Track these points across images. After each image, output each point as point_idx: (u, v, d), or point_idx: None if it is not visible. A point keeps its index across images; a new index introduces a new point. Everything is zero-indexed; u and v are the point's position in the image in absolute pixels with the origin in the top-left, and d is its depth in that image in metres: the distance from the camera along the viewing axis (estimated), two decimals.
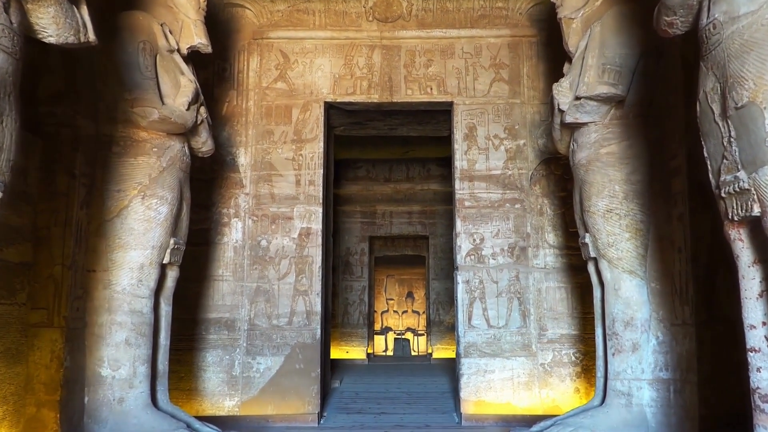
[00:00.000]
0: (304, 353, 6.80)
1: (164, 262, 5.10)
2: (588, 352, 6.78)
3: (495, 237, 6.97)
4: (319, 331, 6.84)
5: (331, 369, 10.10)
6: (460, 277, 6.92)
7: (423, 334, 17.31)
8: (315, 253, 6.96)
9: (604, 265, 5.01)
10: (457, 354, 6.95)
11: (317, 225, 7.01)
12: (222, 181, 7.11)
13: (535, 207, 7.04)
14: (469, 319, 6.84)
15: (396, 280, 19.53)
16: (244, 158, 7.13)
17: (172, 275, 5.34)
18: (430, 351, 14.13)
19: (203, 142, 5.57)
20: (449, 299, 13.41)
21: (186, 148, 5.35)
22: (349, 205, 13.53)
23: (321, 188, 7.08)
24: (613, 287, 4.96)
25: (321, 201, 7.05)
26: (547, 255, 6.97)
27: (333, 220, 13.55)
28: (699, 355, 4.45)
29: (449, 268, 13.35)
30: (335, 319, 13.18)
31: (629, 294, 4.89)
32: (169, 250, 5.10)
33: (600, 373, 5.26)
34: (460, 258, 6.95)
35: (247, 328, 6.86)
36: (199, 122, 5.37)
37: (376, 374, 10.36)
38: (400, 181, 13.55)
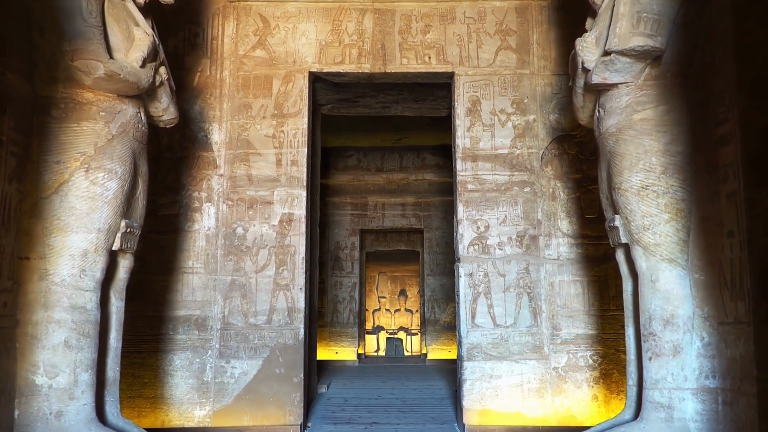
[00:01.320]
0: (286, 356, 5.98)
1: (114, 248, 4.26)
2: (607, 355, 6.00)
3: (502, 224, 6.17)
4: (302, 331, 6.02)
5: (318, 372, 9.28)
6: (463, 270, 6.11)
7: (416, 334, 16.52)
8: (298, 242, 6.14)
9: (638, 253, 4.21)
10: (459, 357, 6.15)
11: (300, 210, 6.19)
12: (193, 160, 6.27)
13: (547, 190, 6.25)
14: (473, 317, 6.04)
15: (388, 277, 18.75)
16: (218, 135, 6.30)
17: (124, 265, 4.51)
18: (424, 351, 13.33)
19: (164, 109, 4.74)
20: (445, 296, 12.63)
21: (142, 114, 4.51)
22: (338, 196, 12.71)
23: (305, 169, 6.25)
24: (650, 278, 4.16)
25: (305, 183, 6.23)
26: (560, 245, 6.18)
27: (322, 212, 12.70)
28: (759, 361, 3.65)
29: (445, 263, 12.59)
30: (324, 317, 12.37)
31: (669, 286, 4.09)
32: (119, 235, 4.27)
33: (632, 380, 4.47)
34: (462, 248, 6.14)
35: (220, 327, 6.03)
36: (157, 84, 4.54)
37: (367, 377, 9.55)
38: (392, 171, 12.76)
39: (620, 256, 4.58)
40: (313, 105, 7.06)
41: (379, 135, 11.74)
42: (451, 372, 9.91)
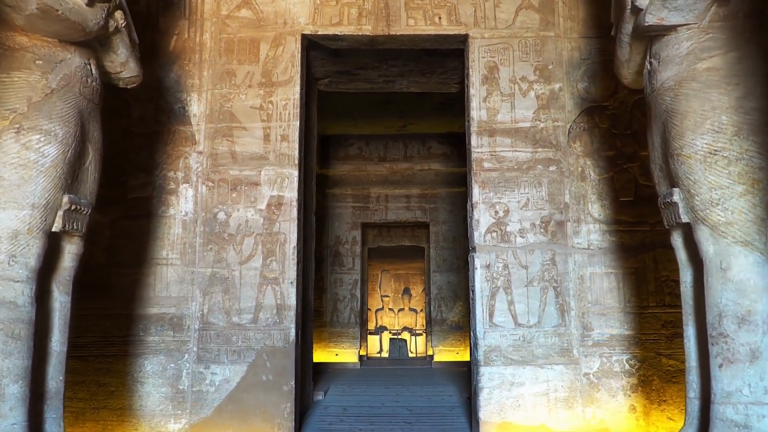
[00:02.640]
0: (274, 360, 5.16)
1: (55, 229, 3.45)
2: (646, 359, 5.18)
3: (523, 208, 5.35)
4: (293, 331, 5.20)
5: (315, 376, 8.46)
6: (478, 261, 5.29)
7: (421, 334, 15.73)
8: (288, 229, 5.32)
9: (703, 234, 3.38)
10: (474, 361, 5.33)
11: (291, 193, 5.37)
12: (168, 135, 5.46)
13: (575, 169, 5.42)
14: (491, 315, 5.21)
15: (392, 275, 17.98)
16: (197, 107, 5.49)
17: (70, 251, 3.69)
18: (430, 353, 12.50)
19: (122, 64, 3.93)
20: (453, 294, 11.79)
21: (93, 67, 3.71)
22: (339, 187, 11.88)
23: (297, 145, 5.43)
24: (719, 266, 3.33)
25: (297, 162, 5.41)
26: (591, 232, 5.35)
27: (321, 204, 11.96)
28: None
29: (452, 259, 11.78)
30: (323, 317, 11.55)
31: (744, 275, 3.26)
32: (61, 213, 3.46)
33: (694, 392, 3.64)
34: (478, 236, 5.32)
35: (198, 328, 5.21)
36: (111, 30, 3.72)
37: (369, 382, 8.73)
38: (396, 161, 11.92)
39: (677, 239, 3.74)
40: (307, 78, 6.26)
41: (382, 121, 10.91)
42: (461, 376, 9.08)
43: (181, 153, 5.44)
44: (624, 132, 5.46)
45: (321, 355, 11.21)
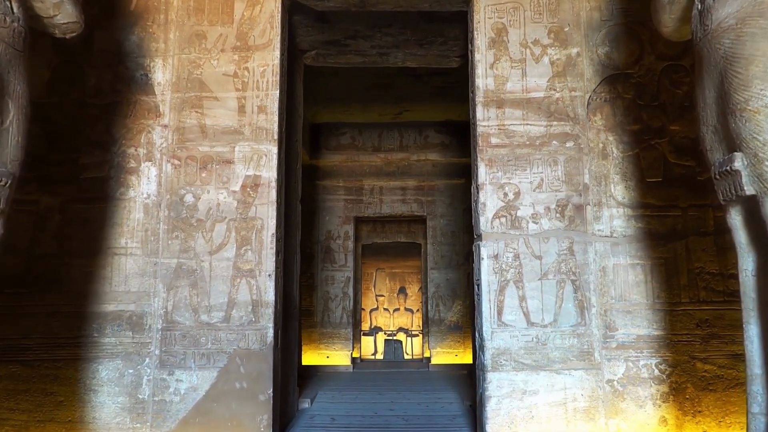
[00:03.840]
0: (249, 365, 4.46)
1: None
2: (678, 363, 4.49)
3: (537, 190, 4.66)
4: (271, 332, 4.50)
5: (302, 381, 7.76)
6: (485, 251, 4.59)
7: (417, 335, 15.07)
8: (266, 213, 4.62)
9: None
10: (480, 365, 4.63)
11: (270, 172, 4.66)
12: (128, 107, 4.75)
13: (596, 146, 4.73)
14: (499, 313, 4.52)
15: (387, 274, 17.31)
16: (161, 74, 4.78)
17: None
18: (427, 355, 11.80)
19: (55, 5, 3.22)
20: (451, 293, 11.09)
21: (14, 4, 2.99)
22: (330, 179, 11.18)
23: (276, 117, 4.73)
24: None
25: (276, 137, 4.71)
26: (614, 217, 4.66)
27: (311, 197, 11.25)
28: None
29: (451, 255, 11.09)
30: (313, 317, 10.84)
31: None
32: None
33: (759, 406, 2.94)
34: (484, 222, 4.62)
35: (161, 327, 4.51)
36: None
37: (362, 386, 8.03)
38: (391, 151, 11.22)
39: (736, 217, 3.04)
40: (292, 48, 5.57)
41: (377, 108, 10.21)
42: (461, 380, 8.39)
43: (143, 127, 4.73)
44: (651, 103, 4.78)
45: (311, 357, 10.50)
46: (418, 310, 15.89)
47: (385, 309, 16.52)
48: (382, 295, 16.89)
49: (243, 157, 4.68)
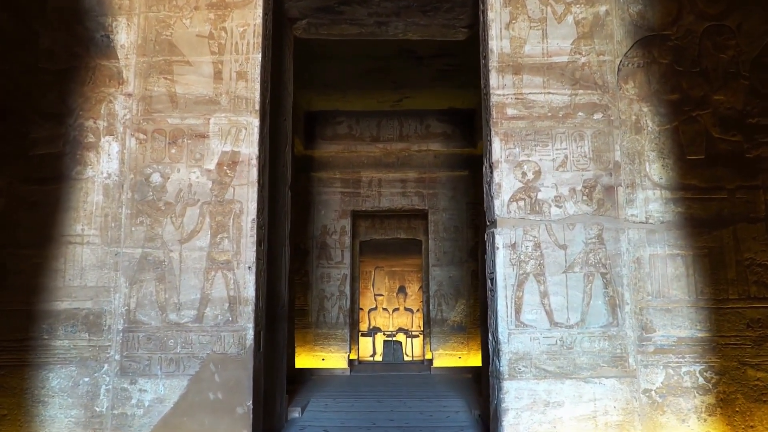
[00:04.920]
0: (225, 372, 3.81)
1: None
2: (726, 370, 3.85)
3: (560, 169, 4.02)
4: (251, 333, 3.85)
5: (295, 387, 7.12)
6: (501, 239, 3.95)
7: (417, 336, 14.50)
8: (246, 195, 3.98)
9: None
10: (494, 373, 3.99)
11: (250, 148, 4.02)
12: (87, 73, 4.11)
13: (628, 118, 4.09)
14: (518, 311, 3.88)
15: (386, 272, 16.75)
16: (125, 35, 4.14)
17: None
18: (428, 357, 11.16)
19: None
20: (455, 291, 10.44)
21: None
22: (326, 170, 10.53)
23: (257, 85, 4.09)
24: None
25: (258, 107, 4.07)
26: (649, 200, 4.02)
27: (306, 190, 10.59)
28: None
29: (454, 251, 10.45)
30: (308, 316, 10.20)
31: None
32: None
33: None
34: (500, 205, 3.98)
35: (123, 329, 3.86)
36: None
37: (359, 392, 7.38)
38: (391, 141, 10.59)
39: None
40: (280, 16, 4.96)
41: (375, 94, 9.58)
42: (466, 385, 7.75)
43: (103, 96, 4.09)
44: (691, 69, 4.14)
45: (305, 360, 9.87)
46: (418, 310, 15.35)
47: (384, 309, 15.98)
48: (381, 295, 16.34)
49: (219, 130, 4.03)
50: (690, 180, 4.03)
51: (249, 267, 3.90)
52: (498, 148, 4.03)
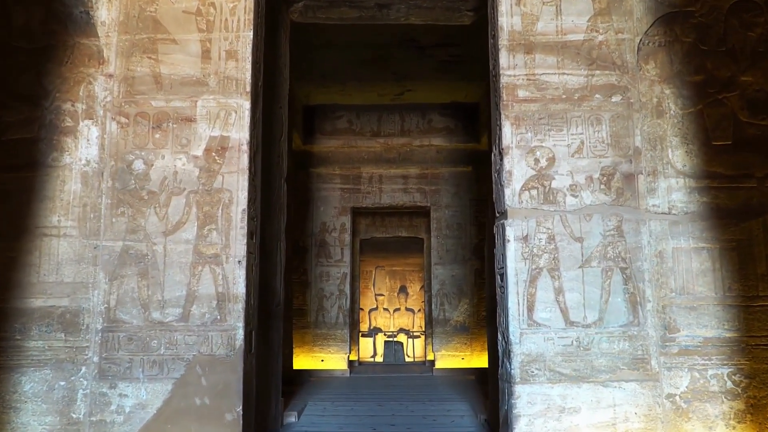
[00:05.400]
0: (213, 375, 3.51)
1: None
2: (756, 373, 3.56)
3: (576, 155, 3.72)
4: (241, 333, 3.55)
5: (292, 389, 6.82)
6: (512, 231, 3.64)
7: (419, 336, 14.20)
8: (236, 184, 3.67)
9: None
10: (505, 376, 3.68)
11: (241, 133, 3.72)
12: (65, 52, 3.81)
13: (649, 101, 3.79)
14: (530, 309, 3.57)
15: (386, 272, 16.45)
16: (106, 11, 3.85)
17: None
18: (430, 358, 10.86)
19: None
20: (458, 290, 10.13)
21: None
22: (325, 166, 10.23)
23: (249, 65, 3.79)
24: None
25: (249, 89, 3.77)
26: (672, 189, 3.72)
27: (304, 186, 10.26)
28: None
29: (457, 249, 10.15)
30: (306, 316, 9.89)
31: None
32: None
33: None
34: (511, 195, 3.68)
35: (102, 328, 3.56)
36: None
37: (359, 395, 7.08)
38: (392, 136, 10.30)
39: None
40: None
41: (376, 86, 9.27)
42: (470, 387, 7.45)
43: (82, 76, 3.79)
44: (716, 48, 3.84)
45: (304, 361, 9.56)
46: (419, 310, 15.07)
47: (384, 309, 15.69)
48: (382, 295, 16.04)
49: (207, 113, 3.73)
50: (716, 167, 3.73)
51: (239, 261, 3.60)
52: (508, 133, 3.73)
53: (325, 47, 7.88)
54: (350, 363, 10.15)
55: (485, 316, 8.54)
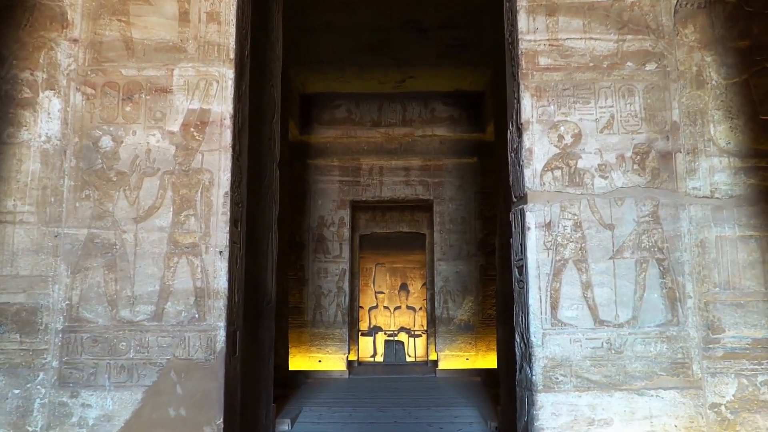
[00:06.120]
0: (190, 382, 3.05)
1: None
2: None
3: (605, 131, 3.26)
4: (222, 334, 3.09)
5: (287, 392, 6.37)
6: (532, 218, 3.18)
7: (420, 335, 13.77)
8: (217, 163, 3.22)
9: None
10: (524, 382, 3.23)
11: (223, 105, 3.26)
12: (23, 13, 3.35)
13: (687, 69, 3.33)
14: (554, 307, 3.12)
15: (387, 269, 16.01)
16: None
17: None
18: (433, 358, 10.42)
19: None
20: (462, 287, 9.68)
21: None
22: (323, 157, 9.77)
23: (233, 29, 3.32)
24: None
25: (232, 55, 3.30)
26: (715, 170, 3.26)
27: (301, 178, 9.76)
28: None
29: (461, 244, 9.70)
30: (303, 315, 9.45)
31: None
32: None
33: None
34: (531, 176, 3.22)
35: (63, 328, 3.10)
36: None
37: (357, 399, 6.62)
38: (393, 125, 9.85)
39: None
40: None
41: (376, 72, 8.82)
42: (477, 390, 7.01)
43: (43, 41, 3.33)
44: (763, 10, 3.38)
45: (300, 361, 9.12)
46: (421, 309, 14.65)
47: (385, 307, 15.28)
48: (382, 292, 15.62)
49: (185, 83, 3.27)
50: (764, 145, 3.28)
51: (220, 252, 3.14)
52: (528, 106, 3.27)
53: (323, 30, 7.44)
54: (349, 363, 9.71)
55: (495, 314, 8.09)
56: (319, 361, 9.36)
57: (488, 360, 9.13)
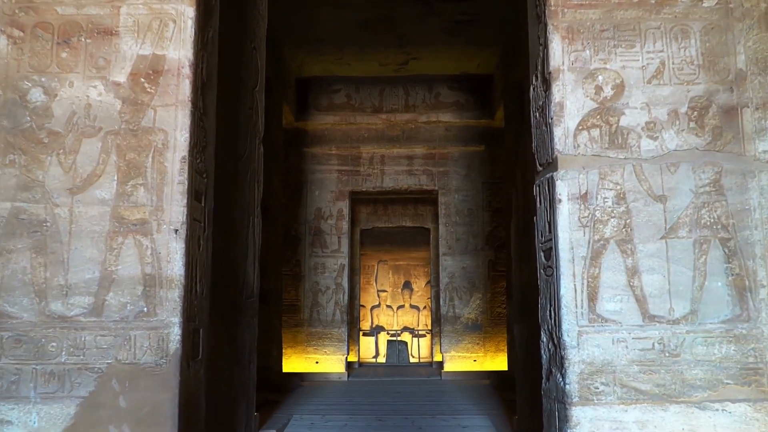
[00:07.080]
0: (135, 393, 2.43)
1: None
2: None
3: (653, 81, 2.63)
4: (176, 331, 2.47)
5: (278, 397, 5.75)
6: (564, 187, 2.55)
7: (424, 335, 13.21)
8: (173, 122, 2.60)
9: None
10: (555, 392, 2.59)
11: (181, 51, 2.64)
12: None
13: (755, 6, 2.70)
14: (592, 298, 2.49)
15: (389, 266, 15.47)
16: None
17: None
18: (438, 359, 9.80)
19: None
20: (469, 284, 9.04)
21: None
22: (320, 145, 9.14)
23: None
24: None
25: None
26: None
27: (297, 167, 9.14)
28: None
29: (468, 238, 9.06)
30: (299, 313, 8.82)
31: None
32: None
33: None
34: (562, 135, 2.59)
35: None
36: None
37: (356, 404, 6.00)
38: (395, 111, 9.20)
39: None
40: None
41: (377, 53, 8.19)
42: (486, 394, 6.39)
43: None
44: None
45: (296, 363, 8.51)
46: (425, 307, 14.12)
47: (387, 306, 14.74)
48: (385, 291, 15.08)
49: (134, 24, 2.65)
50: None
51: (176, 230, 2.52)
52: (558, 51, 2.64)
53: (319, 4, 6.82)
54: (349, 365, 9.09)
55: (506, 313, 7.47)
56: (317, 362, 8.74)
57: (497, 362, 8.50)
